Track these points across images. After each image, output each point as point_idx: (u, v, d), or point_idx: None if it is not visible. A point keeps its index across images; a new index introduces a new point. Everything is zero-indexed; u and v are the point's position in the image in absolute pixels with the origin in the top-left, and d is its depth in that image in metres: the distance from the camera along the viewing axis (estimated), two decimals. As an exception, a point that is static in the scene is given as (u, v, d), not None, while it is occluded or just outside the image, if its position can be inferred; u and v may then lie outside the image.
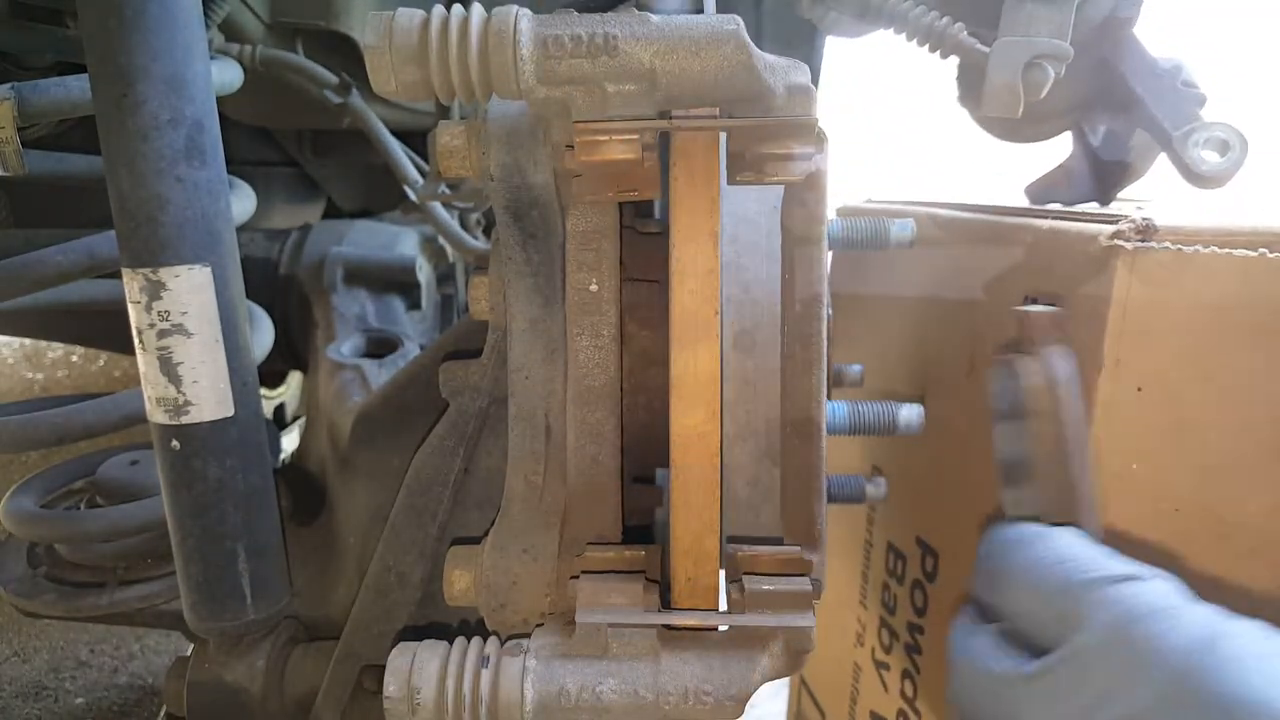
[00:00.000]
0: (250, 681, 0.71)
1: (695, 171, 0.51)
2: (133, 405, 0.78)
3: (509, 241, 0.58)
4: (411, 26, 0.47)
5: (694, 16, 0.49)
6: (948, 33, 0.65)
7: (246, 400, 0.66)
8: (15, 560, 0.87)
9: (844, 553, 0.98)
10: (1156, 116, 0.71)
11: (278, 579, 0.71)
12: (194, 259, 0.61)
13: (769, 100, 0.49)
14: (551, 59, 0.47)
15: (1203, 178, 0.68)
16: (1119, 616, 0.42)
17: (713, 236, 0.51)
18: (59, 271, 0.78)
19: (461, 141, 0.56)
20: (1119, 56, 0.73)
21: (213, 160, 0.63)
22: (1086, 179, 0.85)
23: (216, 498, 0.66)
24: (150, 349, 0.62)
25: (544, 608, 0.57)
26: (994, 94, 0.64)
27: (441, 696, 0.51)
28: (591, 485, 0.58)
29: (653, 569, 0.55)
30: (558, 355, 0.59)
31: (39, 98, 0.74)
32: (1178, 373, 0.58)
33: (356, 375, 0.96)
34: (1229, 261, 0.56)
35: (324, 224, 1.39)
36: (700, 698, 0.51)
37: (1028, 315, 0.57)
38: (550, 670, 0.52)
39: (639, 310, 0.60)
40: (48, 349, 2.72)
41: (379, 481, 0.76)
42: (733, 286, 0.58)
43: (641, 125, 0.48)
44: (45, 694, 1.29)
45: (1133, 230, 0.56)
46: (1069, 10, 0.63)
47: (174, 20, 0.59)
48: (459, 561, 0.59)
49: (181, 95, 0.60)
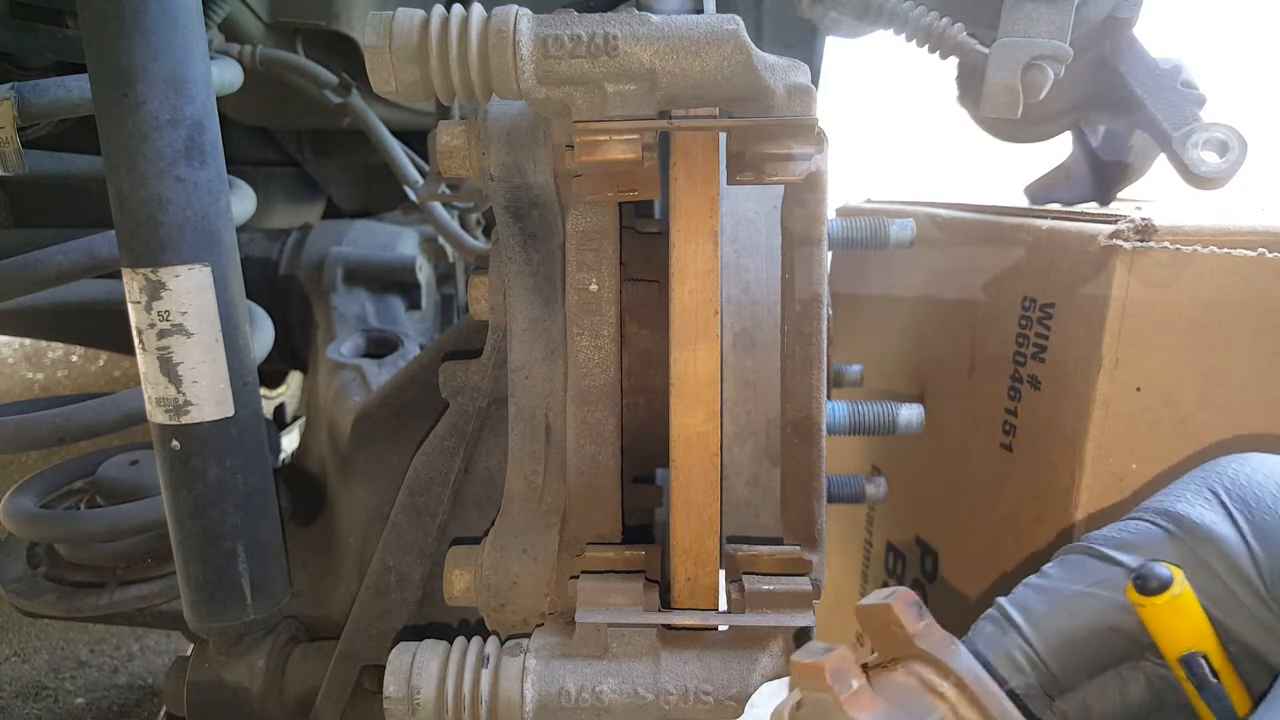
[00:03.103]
0: (250, 681, 0.71)
1: (695, 171, 0.51)
2: (133, 405, 0.78)
3: (509, 241, 0.58)
4: (411, 26, 0.47)
5: (694, 17, 0.49)
6: (947, 33, 0.65)
7: (246, 400, 0.66)
8: (15, 560, 0.86)
9: (844, 552, 0.98)
10: (1156, 117, 0.71)
11: (278, 579, 0.71)
12: (194, 259, 0.61)
13: (769, 100, 0.49)
14: (551, 59, 0.47)
15: (1202, 178, 0.68)
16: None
17: (712, 236, 0.51)
18: (59, 271, 0.78)
19: (461, 141, 0.56)
20: (1118, 57, 0.73)
21: (213, 160, 0.63)
22: (1086, 179, 0.85)
23: (216, 498, 0.66)
24: (150, 349, 0.62)
25: (544, 608, 0.57)
26: (993, 94, 0.64)
27: (441, 696, 0.51)
28: (591, 485, 0.58)
29: (653, 569, 0.55)
30: (558, 355, 0.59)
31: (39, 98, 0.74)
32: (1176, 372, 0.58)
33: (356, 375, 0.96)
34: (1228, 261, 0.56)
35: (324, 224, 1.39)
36: (700, 697, 0.51)
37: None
38: (550, 670, 0.52)
39: (639, 310, 0.60)
40: (48, 349, 2.72)
41: (379, 481, 0.76)
42: (733, 286, 0.58)
43: (641, 125, 0.48)
44: (45, 694, 1.29)
45: (1132, 230, 0.57)
46: (1068, 11, 0.63)
47: (174, 20, 0.59)
48: (459, 561, 0.59)
49: (181, 95, 0.60)
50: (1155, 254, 0.56)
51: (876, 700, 0.35)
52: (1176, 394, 0.58)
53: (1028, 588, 0.44)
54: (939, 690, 0.35)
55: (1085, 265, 0.59)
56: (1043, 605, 0.43)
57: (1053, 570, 0.45)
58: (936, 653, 0.36)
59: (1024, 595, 0.44)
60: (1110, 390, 0.58)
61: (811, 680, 0.36)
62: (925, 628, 0.37)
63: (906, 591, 0.39)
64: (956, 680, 0.34)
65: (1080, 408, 0.60)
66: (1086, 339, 0.59)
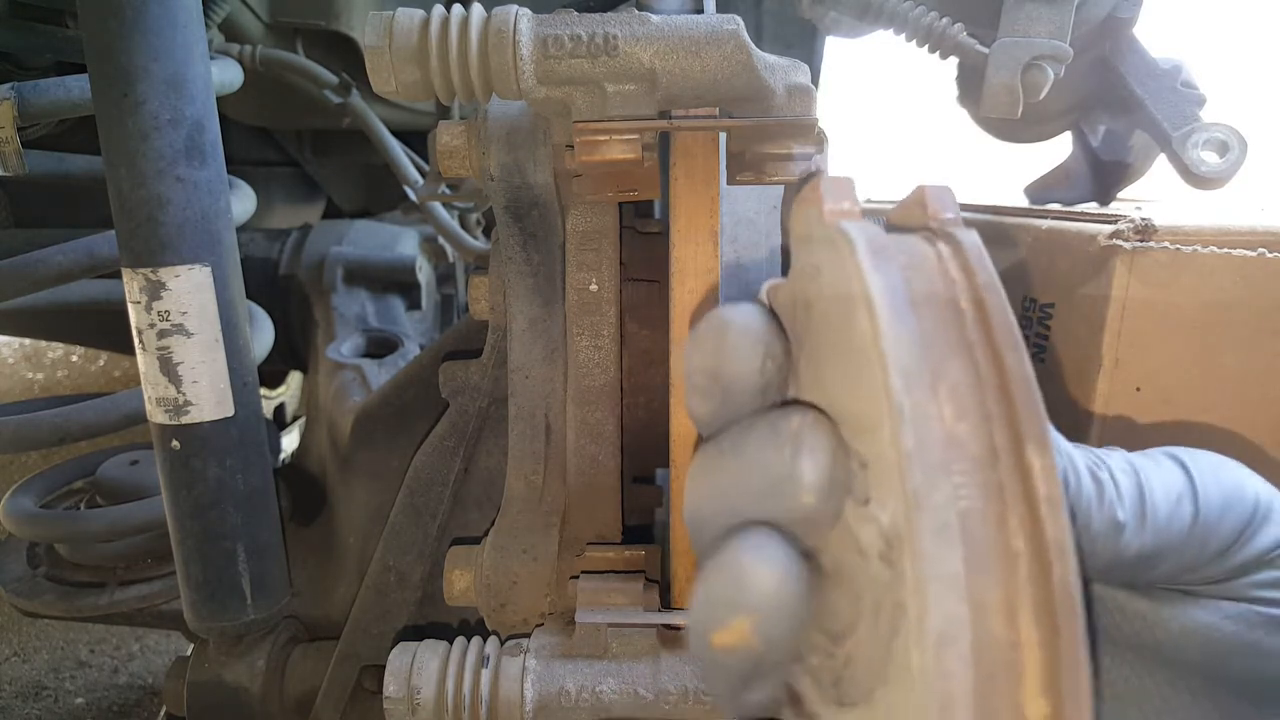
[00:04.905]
0: (250, 681, 0.71)
1: (695, 171, 0.51)
2: (133, 405, 0.78)
3: (509, 241, 0.58)
4: (411, 26, 0.47)
5: (694, 16, 0.49)
6: (947, 33, 0.65)
7: (246, 400, 0.66)
8: (15, 560, 0.87)
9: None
10: (1156, 117, 0.71)
11: (277, 579, 0.71)
12: (194, 259, 0.62)
13: (769, 100, 0.49)
14: (551, 59, 0.47)
15: (1202, 178, 0.68)
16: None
17: (713, 236, 0.51)
18: (59, 271, 0.78)
19: (461, 141, 0.56)
20: (1119, 57, 0.73)
21: (213, 160, 0.63)
22: (1086, 179, 0.85)
23: (216, 498, 0.66)
24: (150, 349, 0.62)
25: (544, 608, 0.57)
26: (993, 94, 0.64)
27: (441, 696, 0.51)
28: (591, 485, 0.58)
29: (653, 569, 0.55)
30: (558, 355, 0.59)
31: (39, 98, 0.74)
32: (1177, 373, 0.58)
33: (356, 375, 0.96)
34: (1228, 261, 0.56)
35: (324, 224, 1.39)
36: (700, 697, 0.51)
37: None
38: (550, 670, 0.52)
39: (639, 310, 0.60)
40: (48, 349, 2.72)
41: (379, 481, 0.76)
42: (733, 287, 0.58)
43: (641, 125, 0.48)
44: (45, 694, 1.29)
45: (1132, 230, 0.56)
46: (1068, 11, 0.63)
47: (174, 20, 0.59)
48: (459, 562, 0.59)
49: (181, 95, 0.60)
50: (1155, 254, 0.56)
51: (867, 223, 0.29)
52: (1176, 394, 0.58)
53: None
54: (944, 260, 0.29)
55: (1085, 265, 0.59)
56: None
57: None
58: (956, 235, 0.29)
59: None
60: (1110, 390, 0.58)
61: (804, 199, 0.31)
62: (951, 219, 0.31)
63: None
64: (965, 265, 0.28)
65: (1080, 408, 0.60)
66: (1086, 339, 0.59)
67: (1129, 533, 0.34)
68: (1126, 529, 0.34)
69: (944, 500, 0.24)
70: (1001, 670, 0.23)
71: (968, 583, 0.23)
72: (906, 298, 0.27)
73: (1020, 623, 0.23)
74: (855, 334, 0.26)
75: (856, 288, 0.26)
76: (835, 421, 0.28)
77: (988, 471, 0.24)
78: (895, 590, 0.24)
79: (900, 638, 0.24)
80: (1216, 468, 0.38)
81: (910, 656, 0.23)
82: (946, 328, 0.26)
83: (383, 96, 0.50)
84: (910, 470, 0.24)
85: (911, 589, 0.23)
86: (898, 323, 0.26)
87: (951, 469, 0.24)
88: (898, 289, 0.26)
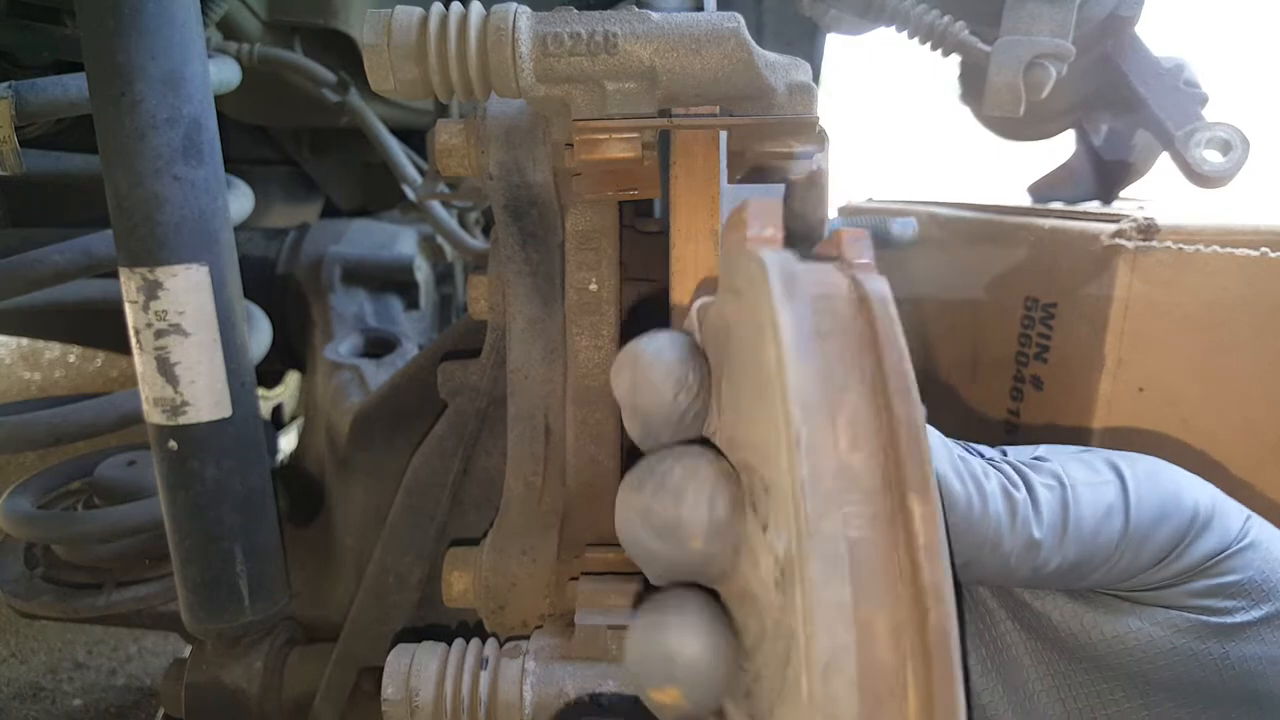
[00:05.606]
0: (248, 683, 0.71)
1: (695, 170, 0.51)
2: (130, 405, 0.78)
3: (508, 241, 0.58)
4: (410, 24, 0.47)
5: (694, 14, 0.48)
6: (949, 31, 0.65)
7: (244, 400, 0.66)
8: (12, 561, 0.86)
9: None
10: (1159, 116, 0.71)
11: (275, 580, 0.71)
12: (191, 258, 0.61)
13: (770, 98, 0.49)
14: (550, 57, 0.47)
15: (1205, 178, 0.68)
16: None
17: (713, 236, 0.51)
18: (56, 271, 0.78)
19: (460, 140, 0.56)
20: (1121, 55, 0.73)
21: (210, 159, 0.62)
22: (1089, 178, 0.85)
23: (214, 498, 0.65)
24: (147, 349, 0.61)
25: (543, 609, 0.57)
26: (995, 93, 0.63)
27: (440, 698, 0.51)
28: (591, 486, 0.57)
29: (653, 570, 0.55)
30: (557, 355, 0.58)
31: (37, 97, 0.74)
32: (1179, 372, 0.58)
33: (354, 375, 0.96)
34: (1230, 261, 0.55)
35: (322, 223, 1.39)
36: (700, 700, 0.51)
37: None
38: (549, 672, 0.51)
39: (639, 310, 0.60)
40: (45, 349, 2.72)
41: (377, 482, 0.75)
42: (733, 286, 0.57)
43: (641, 124, 0.48)
44: (43, 695, 1.29)
45: (1134, 230, 0.56)
46: (1071, 9, 0.63)
47: (171, 19, 0.58)
48: (457, 563, 0.58)
49: (179, 94, 0.59)
50: (1158, 253, 0.56)
51: (785, 253, 0.30)
52: (1179, 394, 0.58)
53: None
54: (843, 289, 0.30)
55: (1088, 265, 0.59)
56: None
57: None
58: (859, 275, 0.31)
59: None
60: (1113, 390, 0.58)
61: (733, 223, 0.32)
62: (864, 264, 0.32)
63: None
64: (864, 297, 0.29)
65: (1083, 408, 0.60)
66: (1089, 339, 0.59)
67: (1046, 549, 0.35)
68: (1044, 546, 0.35)
69: (834, 529, 0.24)
70: (888, 697, 0.23)
71: (855, 611, 0.23)
72: (812, 329, 0.27)
73: (907, 650, 0.23)
74: (763, 362, 0.27)
75: (766, 316, 0.27)
76: (744, 447, 0.30)
77: (880, 502, 0.25)
78: (788, 616, 0.25)
79: (792, 664, 0.24)
80: (1154, 475, 0.38)
81: (800, 682, 0.23)
82: (849, 362, 0.27)
83: (381, 95, 0.49)
84: (802, 498, 0.24)
85: (801, 617, 0.24)
86: (801, 354, 0.26)
87: (844, 499, 0.25)
88: (805, 320, 0.27)
